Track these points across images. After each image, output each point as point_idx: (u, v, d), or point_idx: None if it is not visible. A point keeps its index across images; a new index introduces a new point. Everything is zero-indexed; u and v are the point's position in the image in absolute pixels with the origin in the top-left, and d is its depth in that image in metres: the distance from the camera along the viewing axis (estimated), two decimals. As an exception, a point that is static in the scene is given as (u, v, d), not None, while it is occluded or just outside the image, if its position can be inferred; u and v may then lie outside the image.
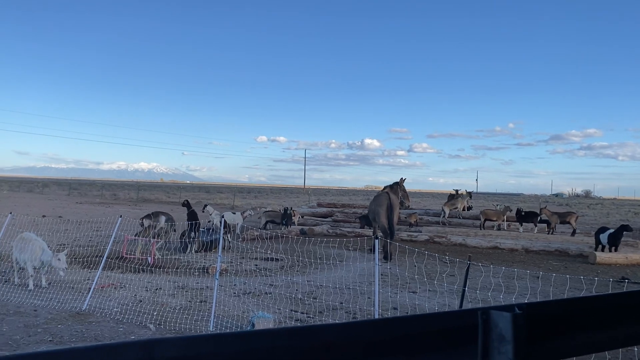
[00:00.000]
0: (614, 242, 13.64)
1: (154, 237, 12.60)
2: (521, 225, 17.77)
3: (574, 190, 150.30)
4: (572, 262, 13.27)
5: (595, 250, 13.77)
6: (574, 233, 16.75)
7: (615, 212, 47.06)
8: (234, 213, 18.84)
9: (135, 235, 12.46)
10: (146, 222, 13.73)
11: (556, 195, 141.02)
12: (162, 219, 14.06)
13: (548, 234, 17.12)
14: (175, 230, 14.05)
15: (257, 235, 15.03)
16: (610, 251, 13.56)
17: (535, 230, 17.44)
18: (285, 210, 18.86)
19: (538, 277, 10.41)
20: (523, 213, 18.19)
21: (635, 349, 5.46)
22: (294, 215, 19.81)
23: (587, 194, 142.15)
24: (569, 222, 17.33)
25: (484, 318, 0.96)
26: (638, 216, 40.84)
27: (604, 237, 13.75)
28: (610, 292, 1.33)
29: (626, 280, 9.81)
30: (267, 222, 18.72)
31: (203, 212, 16.95)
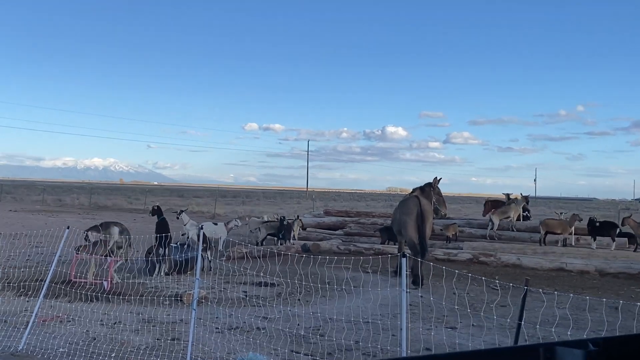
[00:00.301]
0: None
1: (108, 255, 12.66)
2: (594, 239, 17.71)
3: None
4: (662, 289, 13.21)
5: None
6: None
7: None
8: (216, 224, 18.92)
9: (77, 252, 12.51)
10: (93, 236, 13.80)
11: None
12: (115, 230, 14.17)
13: (634, 250, 17.04)
14: (131, 246, 14.12)
15: (246, 252, 15.08)
16: None
17: (613, 247, 17.38)
18: (282, 219, 18.91)
19: (617, 308, 10.35)
20: (597, 224, 18.10)
21: None
22: (300, 226, 19.85)
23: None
24: None
25: (547, 356, 0.97)
26: None
27: None
28: None
29: None
30: (267, 236, 18.79)
31: (178, 219, 17.05)
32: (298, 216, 21.83)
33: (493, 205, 22.25)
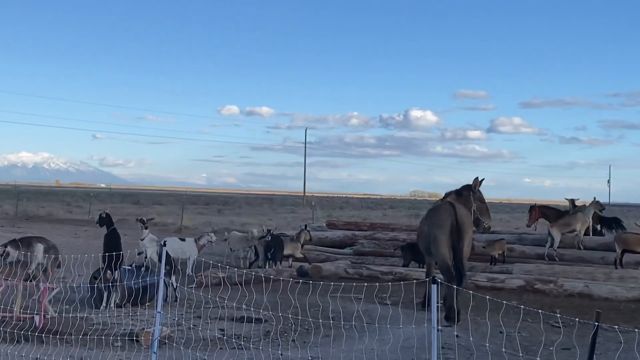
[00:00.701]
0: None
1: (31, 280, 12.67)
2: None
3: None
4: None
5: None
6: None
7: None
8: (183, 239, 18.94)
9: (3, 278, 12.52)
10: (11, 254, 13.80)
11: None
12: (39, 248, 14.16)
13: None
14: (59, 267, 14.11)
15: (223, 277, 15.07)
16: None
17: None
18: (269, 232, 18.88)
19: None
20: None
21: None
22: (307, 239, 19.87)
23: None
24: None
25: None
26: None
27: None
28: None
29: None
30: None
31: (145, 228, 17.09)
32: (306, 226, 21.81)
33: (542, 211, 22.29)
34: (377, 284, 13.90)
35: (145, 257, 16.44)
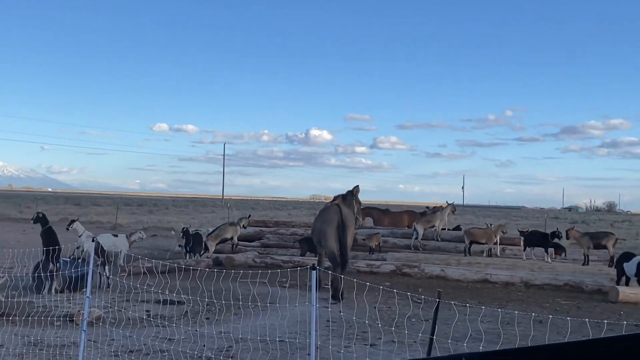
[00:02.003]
0: None
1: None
2: (525, 249, 18.39)
3: (592, 202, 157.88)
4: (587, 301, 13.93)
5: (618, 283, 14.48)
6: (612, 262, 16.94)
7: (646, 231, 49.72)
8: (116, 235, 18.41)
9: None
10: None
11: (569, 209, 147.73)
12: None
13: (582, 264, 17.61)
14: None
15: (146, 268, 14.75)
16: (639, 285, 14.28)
17: (547, 258, 17.90)
18: (186, 230, 18.65)
19: (540, 322, 10.84)
20: (527, 233, 18.96)
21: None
22: (244, 225, 19.86)
23: (610, 208, 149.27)
24: (605, 247, 17.74)
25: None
26: (675, 237, 43.39)
27: (630, 267, 14.41)
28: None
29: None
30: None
31: (68, 230, 16.47)
32: (250, 215, 21.83)
33: (367, 212, 23.05)
34: (279, 270, 13.87)
35: (82, 251, 15.86)
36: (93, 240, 7.93)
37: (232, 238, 19.86)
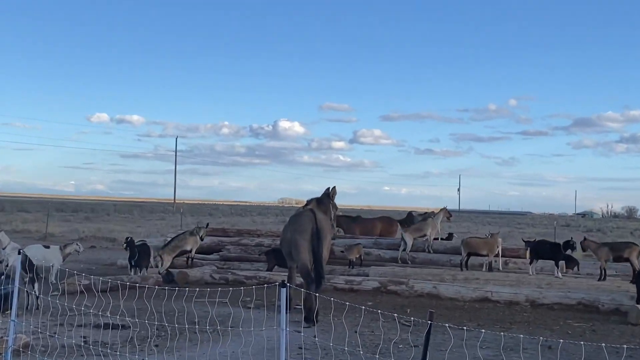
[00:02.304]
0: None
1: None
2: (532, 262, 18.39)
3: (610, 207, 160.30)
4: (603, 322, 14.04)
5: (638, 302, 14.67)
6: (635, 276, 16.53)
7: (671, 241, 50.55)
8: (47, 247, 18.22)
9: None
10: None
11: (583, 215, 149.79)
12: None
13: (598, 279, 17.68)
14: None
15: (83, 286, 14.62)
16: None
17: (557, 273, 17.95)
18: (131, 241, 18.51)
19: (549, 347, 10.96)
20: (534, 243, 19.05)
21: None
22: (205, 234, 19.86)
23: (630, 214, 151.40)
24: (628, 259, 17.71)
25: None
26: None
27: None
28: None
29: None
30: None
31: None
32: (207, 224, 21.78)
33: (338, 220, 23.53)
34: (242, 288, 13.84)
35: (7, 266, 15.66)
36: (19, 253, 7.81)
37: (191, 251, 19.77)
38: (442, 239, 22.03)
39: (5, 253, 16.06)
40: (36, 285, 13.79)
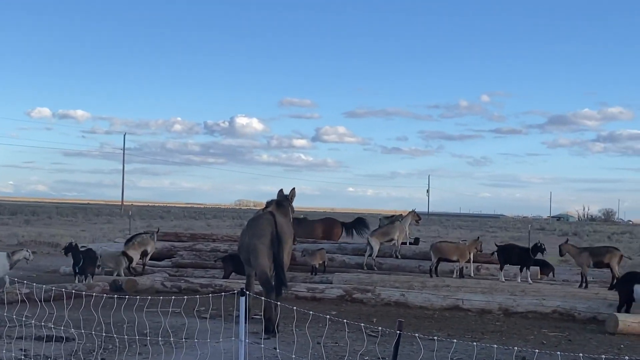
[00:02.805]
0: None
1: None
2: (502, 268, 18.55)
3: (586, 209, 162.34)
4: (579, 331, 14.23)
5: (619, 310, 14.77)
6: (613, 283, 17.00)
7: (651, 245, 51.42)
8: None
9: None
10: None
11: (558, 218, 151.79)
12: None
13: (579, 287, 17.88)
14: None
15: (24, 294, 14.45)
16: None
17: (528, 278, 18.12)
18: (74, 246, 18.42)
19: (524, 358, 11.10)
20: (500, 247, 19.22)
21: None
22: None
23: (607, 216, 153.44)
24: (608, 265, 17.81)
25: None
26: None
27: None
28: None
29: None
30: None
31: None
32: (158, 229, 21.72)
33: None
34: (197, 297, 13.82)
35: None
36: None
37: (147, 254, 20.03)
38: (410, 243, 22.15)
39: None
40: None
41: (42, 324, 11.36)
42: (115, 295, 14.09)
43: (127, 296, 12.45)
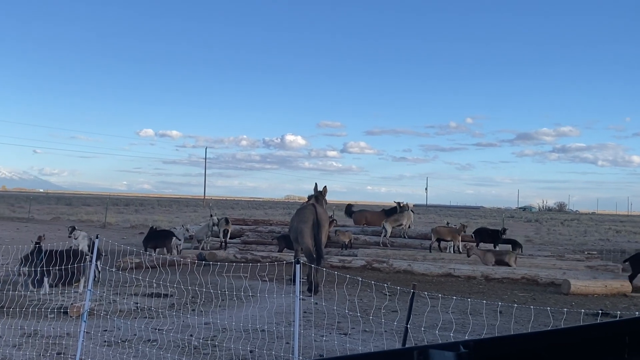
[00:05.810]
0: None
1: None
2: (477, 245, 18.52)
3: (545, 202, 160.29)
4: (541, 293, 14.11)
5: (631, 280, 14.41)
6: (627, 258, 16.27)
7: (593, 229, 50.67)
8: (174, 229, 18.61)
9: None
10: None
11: (524, 208, 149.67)
12: None
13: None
14: None
15: (134, 263, 14.59)
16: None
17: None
18: (152, 229, 18.94)
19: (500, 312, 10.95)
20: (476, 230, 19.36)
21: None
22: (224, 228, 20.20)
23: (561, 207, 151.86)
24: (506, 263, 16.79)
25: (421, 359, 0.99)
26: (620, 234, 44.28)
27: None
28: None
29: (600, 312, 10.56)
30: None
31: (70, 237, 16.07)
32: (227, 218, 21.79)
33: None
34: (259, 264, 13.83)
35: (78, 247, 15.54)
36: (91, 239, 7.77)
37: (228, 233, 20.40)
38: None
39: (78, 240, 15.77)
40: (99, 261, 13.74)
41: (148, 283, 11.44)
42: (201, 264, 14.19)
43: (209, 264, 12.52)
